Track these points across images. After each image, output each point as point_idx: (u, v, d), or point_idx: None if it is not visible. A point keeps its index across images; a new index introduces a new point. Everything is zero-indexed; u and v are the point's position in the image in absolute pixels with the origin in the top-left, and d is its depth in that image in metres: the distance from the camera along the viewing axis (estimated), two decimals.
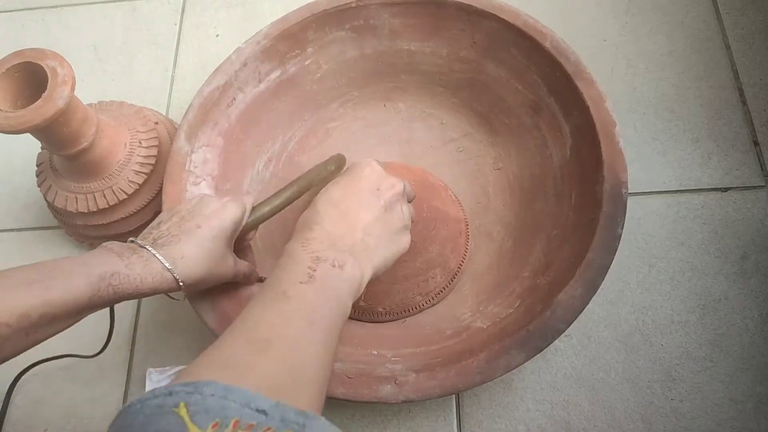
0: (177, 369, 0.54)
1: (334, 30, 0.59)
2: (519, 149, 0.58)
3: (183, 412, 0.22)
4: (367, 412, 0.52)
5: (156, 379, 0.54)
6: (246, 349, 0.28)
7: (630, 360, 0.51)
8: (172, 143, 0.55)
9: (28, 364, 0.54)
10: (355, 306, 0.53)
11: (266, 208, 0.47)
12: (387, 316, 0.53)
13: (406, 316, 0.54)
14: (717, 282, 0.53)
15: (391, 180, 0.42)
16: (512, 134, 0.58)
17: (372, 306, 0.53)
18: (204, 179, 0.55)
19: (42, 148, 0.59)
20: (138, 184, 0.57)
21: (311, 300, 0.33)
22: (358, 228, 0.38)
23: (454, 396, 0.52)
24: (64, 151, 0.51)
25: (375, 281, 0.39)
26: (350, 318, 0.53)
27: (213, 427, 0.21)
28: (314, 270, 0.34)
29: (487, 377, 0.43)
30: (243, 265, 0.46)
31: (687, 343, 0.52)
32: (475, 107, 0.60)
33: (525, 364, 0.43)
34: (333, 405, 0.51)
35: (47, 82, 0.45)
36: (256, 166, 0.59)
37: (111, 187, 0.56)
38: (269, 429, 0.22)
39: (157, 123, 0.60)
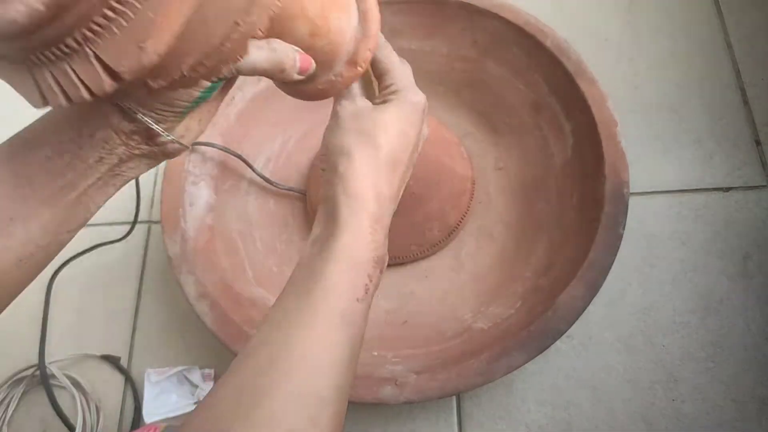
0: (176, 370, 0.54)
1: None
2: (520, 149, 0.57)
3: None
4: (368, 414, 0.52)
5: (155, 380, 0.53)
6: (310, 408, 0.24)
7: (631, 361, 0.51)
8: None
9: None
10: None
11: None
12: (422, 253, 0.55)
13: (400, 263, 0.55)
14: (719, 282, 0.53)
15: (426, 128, 0.35)
16: (513, 134, 0.58)
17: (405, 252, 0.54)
18: (203, 179, 0.55)
19: None
20: None
21: (359, 326, 0.28)
22: (397, 195, 0.32)
23: (454, 397, 0.52)
24: None
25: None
26: None
27: None
28: (371, 280, 0.29)
29: (488, 378, 0.42)
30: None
31: (689, 343, 0.51)
32: (476, 107, 0.60)
33: (526, 365, 0.43)
34: None
35: None
36: (255, 165, 0.58)
37: None
38: None
39: None
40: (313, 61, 0.28)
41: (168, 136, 0.27)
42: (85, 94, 0.19)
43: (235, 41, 0.22)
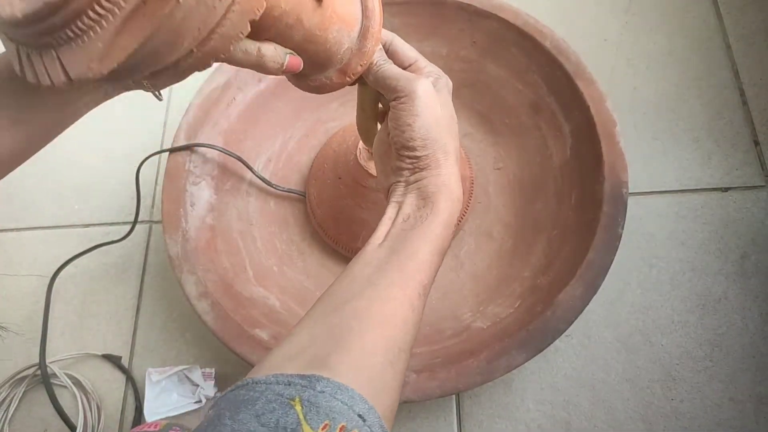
0: (177, 369, 0.54)
1: None
2: (519, 149, 0.57)
3: (298, 407, 0.24)
4: None
5: (156, 379, 0.54)
6: (383, 359, 0.28)
7: (630, 360, 0.51)
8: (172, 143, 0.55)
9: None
10: (353, 248, 0.53)
11: None
12: None
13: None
14: (717, 282, 0.53)
15: None
16: (512, 134, 0.58)
17: None
18: (204, 179, 0.55)
19: None
20: None
21: (427, 300, 0.32)
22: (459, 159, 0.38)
23: (454, 396, 0.52)
24: None
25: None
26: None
27: (323, 428, 0.23)
28: (440, 265, 0.34)
29: (487, 377, 0.43)
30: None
31: (687, 342, 0.51)
32: (475, 107, 0.60)
33: (525, 364, 0.43)
34: None
35: None
36: (255, 165, 0.59)
37: None
38: None
39: None
40: (301, 64, 0.31)
41: (158, 95, 0.31)
42: (47, 82, 0.24)
43: (205, 53, 0.24)
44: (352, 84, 0.36)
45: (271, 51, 0.29)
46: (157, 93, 0.32)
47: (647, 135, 0.60)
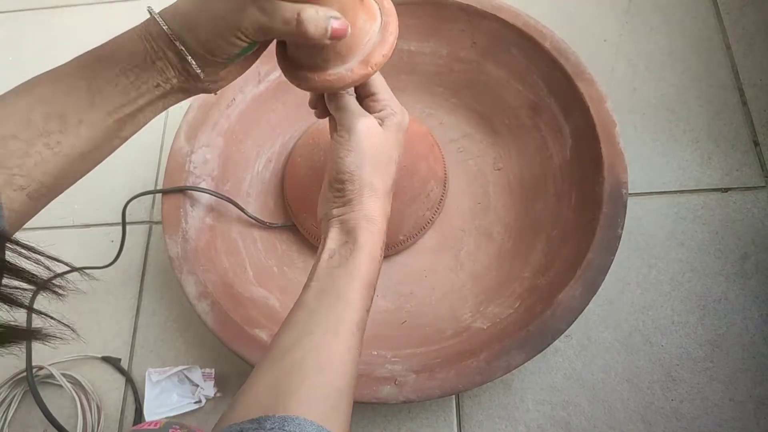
0: (177, 369, 0.54)
1: None
2: (519, 150, 0.58)
3: None
4: (367, 413, 0.52)
5: (155, 379, 0.54)
6: (332, 399, 0.29)
7: (630, 360, 0.51)
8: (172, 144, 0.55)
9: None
10: None
11: None
12: (406, 242, 0.55)
13: (421, 236, 0.56)
14: (717, 282, 0.53)
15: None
16: (512, 135, 0.58)
17: (393, 240, 0.54)
18: (204, 179, 0.55)
19: None
20: None
21: (365, 330, 0.34)
22: (390, 197, 0.38)
23: (454, 396, 0.52)
24: None
25: (391, 214, 0.39)
26: None
27: None
28: (376, 291, 0.35)
29: (487, 378, 0.43)
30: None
31: (687, 343, 0.51)
32: (475, 107, 0.60)
33: (525, 364, 0.43)
34: None
35: None
36: (255, 166, 0.59)
37: None
38: None
39: None
40: (349, 27, 0.31)
41: (205, 79, 0.32)
42: None
43: None
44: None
45: (312, 14, 0.29)
46: (211, 83, 0.33)
47: (647, 136, 0.60)
